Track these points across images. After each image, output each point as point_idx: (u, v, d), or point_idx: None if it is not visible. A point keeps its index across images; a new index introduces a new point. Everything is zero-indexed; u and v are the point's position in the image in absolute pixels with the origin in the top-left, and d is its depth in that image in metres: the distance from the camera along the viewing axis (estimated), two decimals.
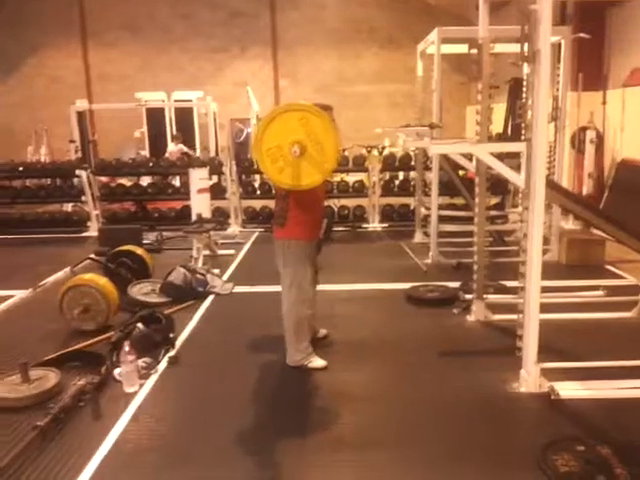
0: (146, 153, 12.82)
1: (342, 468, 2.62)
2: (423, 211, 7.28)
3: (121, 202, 9.31)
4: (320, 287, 5.06)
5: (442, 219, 6.51)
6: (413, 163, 8.10)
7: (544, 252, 3.26)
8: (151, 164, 9.12)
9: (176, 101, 13.21)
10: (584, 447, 2.62)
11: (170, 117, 13.26)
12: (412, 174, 8.65)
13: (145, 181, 10.10)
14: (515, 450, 2.71)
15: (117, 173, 9.44)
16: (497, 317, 4.39)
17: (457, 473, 2.55)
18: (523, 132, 3.66)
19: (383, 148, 9.05)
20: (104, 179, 9.60)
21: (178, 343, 4.06)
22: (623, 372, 3.36)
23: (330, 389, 3.40)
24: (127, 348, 3.36)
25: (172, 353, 3.86)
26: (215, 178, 9.11)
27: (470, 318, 4.44)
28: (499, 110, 6.96)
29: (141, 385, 3.41)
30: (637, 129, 7.38)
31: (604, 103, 8.00)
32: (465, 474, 2.54)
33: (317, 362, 3.64)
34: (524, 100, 3.42)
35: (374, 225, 8.41)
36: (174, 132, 12.99)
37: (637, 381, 3.26)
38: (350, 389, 3.39)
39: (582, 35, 6.51)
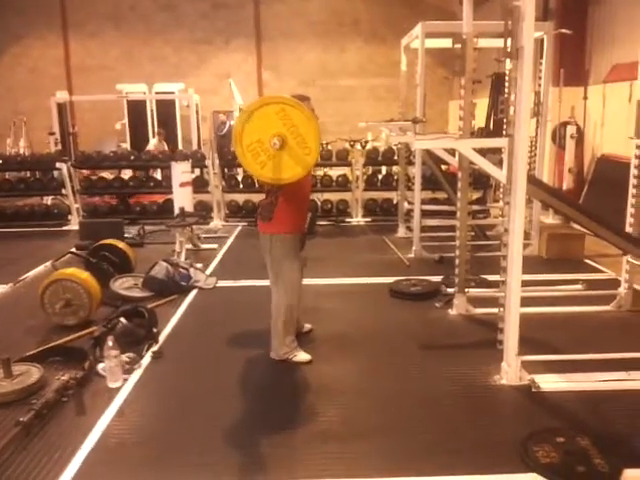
0: (127, 146, 12.70)
1: (330, 460, 2.64)
2: (406, 205, 7.32)
3: (102, 195, 9.22)
4: (304, 281, 5.08)
5: (425, 213, 6.55)
6: (396, 157, 8.13)
7: (524, 246, 3.31)
8: (132, 157, 9.03)
9: (158, 93, 13.07)
10: (564, 438, 2.67)
11: (152, 109, 13.12)
12: (395, 168, 8.68)
13: (126, 174, 10.02)
14: (496, 442, 2.75)
15: (98, 166, 9.33)
16: (479, 311, 4.44)
17: (440, 464, 2.58)
18: (505, 127, 3.69)
19: (366, 142, 9.06)
20: (85, 172, 9.49)
21: (162, 338, 4.05)
22: (602, 364, 3.41)
23: (315, 382, 3.42)
24: (110, 343, 3.34)
25: (156, 348, 3.85)
26: (197, 171, 9.06)
27: (452, 312, 4.49)
28: (482, 105, 7.01)
29: (125, 380, 3.40)
30: (617, 125, 7.48)
31: (585, 98, 8.09)
32: (447, 465, 2.57)
33: (302, 356, 3.66)
34: (506, 95, 3.44)
35: (357, 219, 8.43)
36: (155, 124, 12.88)
37: (616, 373, 3.32)
38: (334, 382, 3.42)
39: (564, 31, 6.58)
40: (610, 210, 5.31)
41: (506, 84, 5.83)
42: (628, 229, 4.19)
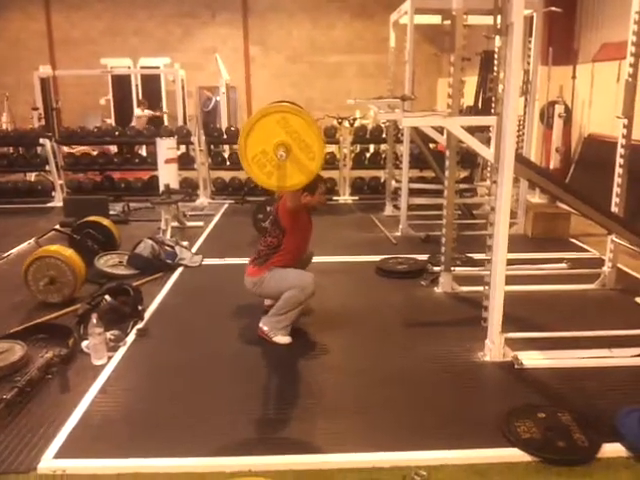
0: (112, 121, 12.52)
1: (316, 437, 2.65)
2: (394, 184, 7.30)
3: (86, 172, 9.10)
4: None
5: (412, 192, 6.55)
6: (384, 135, 8.09)
7: (510, 225, 3.32)
8: (117, 132, 8.91)
9: (143, 68, 12.86)
10: (545, 414, 2.71)
11: (136, 84, 12.93)
12: (383, 146, 8.64)
13: (111, 150, 9.91)
14: (479, 417, 2.78)
15: (82, 142, 9.20)
16: (464, 289, 4.46)
17: (423, 439, 2.60)
18: (493, 106, 3.67)
19: (354, 120, 9.00)
20: (68, 148, 9.36)
21: (147, 315, 4.03)
22: (584, 342, 3.45)
23: (301, 359, 3.43)
24: (94, 320, 3.32)
25: (140, 325, 3.84)
26: (183, 148, 8.97)
27: (438, 290, 4.51)
28: (471, 83, 6.96)
29: (109, 357, 3.39)
30: (605, 104, 7.48)
31: (574, 78, 8.07)
32: (431, 440, 2.59)
33: (282, 338, 3.62)
34: (495, 74, 3.42)
35: (345, 198, 8.41)
36: (140, 99, 12.70)
37: (597, 351, 3.36)
38: (321, 359, 3.44)
39: (554, 9, 6.53)
40: (596, 189, 5.33)
41: (495, 62, 5.79)
42: (614, 209, 4.21)
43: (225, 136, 8.63)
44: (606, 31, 7.81)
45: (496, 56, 4.13)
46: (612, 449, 2.49)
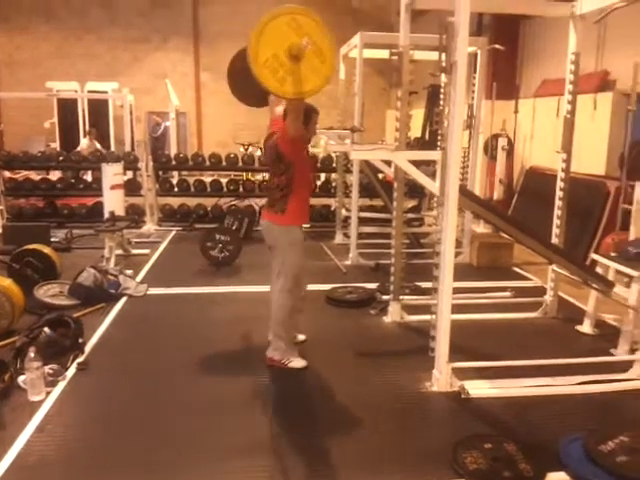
0: (57, 146, 12.22)
1: (258, 473, 2.59)
2: (343, 212, 7.37)
3: (28, 197, 8.80)
4: (239, 288, 5.00)
5: (362, 221, 6.61)
6: (334, 165, 8.18)
7: (456, 255, 3.38)
8: (61, 158, 8.68)
9: (90, 92, 12.64)
10: (492, 444, 2.74)
11: (83, 108, 12.68)
12: (333, 175, 8.72)
13: (55, 176, 9.64)
14: (426, 448, 2.79)
15: (24, 166, 8.91)
16: (412, 318, 4.51)
17: (369, 471, 2.59)
18: (439, 139, 3.77)
19: None
20: (10, 173, 9.05)
21: (88, 348, 3.88)
22: (529, 371, 3.53)
23: (247, 390, 3.36)
24: (32, 354, 3.18)
25: (81, 359, 3.69)
26: (130, 174, 8.81)
27: (387, 319, 4.54)
28: (418, 115, 7.13)
29: (48, 393, 3.24)
30: (545, 138, 7.81)
31: (516, 112, 8.40)
32: (379, 472, 2.58)
33: (296, 362, 3.62)
34: (442, 108, 3.52)
35: None
36: (87, 124, 12.45)
37: (542, 379, 3.45)
38: (268, 390, 3.39)
39: (497, 46, 6.80)
40: (538, 220, 5.52)
41: (441, 96, 5.96)
42: (554, 239, 4.37)
43: (174, 162, 8.54)
44: (546, 68, 8.20)
45: (442, 91, 4.24)
46: (556, 478, 2.53)
